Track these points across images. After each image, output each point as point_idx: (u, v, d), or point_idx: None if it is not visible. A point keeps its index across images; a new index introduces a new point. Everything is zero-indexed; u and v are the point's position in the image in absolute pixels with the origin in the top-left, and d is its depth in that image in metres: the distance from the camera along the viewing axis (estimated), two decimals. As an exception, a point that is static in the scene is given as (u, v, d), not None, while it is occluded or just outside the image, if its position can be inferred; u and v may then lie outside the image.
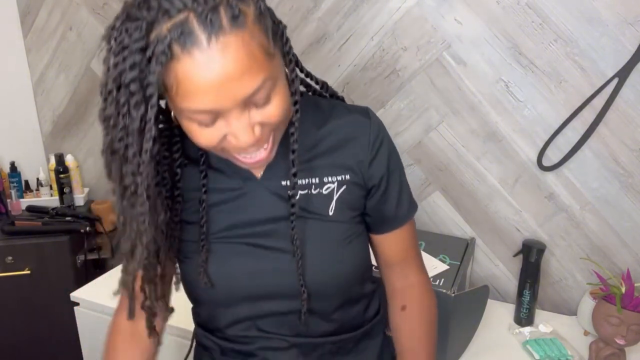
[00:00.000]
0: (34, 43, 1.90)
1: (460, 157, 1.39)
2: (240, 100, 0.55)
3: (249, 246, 0.73)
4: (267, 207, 0.72)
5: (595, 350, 1.15)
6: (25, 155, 1.99)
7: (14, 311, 1.69)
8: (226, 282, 0.73)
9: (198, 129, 0.58)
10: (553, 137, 1.28)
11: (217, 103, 0.54)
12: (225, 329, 0.79)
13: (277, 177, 0.72)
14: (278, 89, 0.58)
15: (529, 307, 1.29)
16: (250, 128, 0.57)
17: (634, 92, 1.18)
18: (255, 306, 0.75)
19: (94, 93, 1.88)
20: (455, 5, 1.27)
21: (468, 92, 1.33)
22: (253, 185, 0.72)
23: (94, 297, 1.36)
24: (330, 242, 0.73)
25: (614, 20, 1.15)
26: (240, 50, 0.52)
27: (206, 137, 0.58)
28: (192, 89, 0.53)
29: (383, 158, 0.75)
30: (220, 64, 0.51)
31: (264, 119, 0.58)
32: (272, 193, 0.72)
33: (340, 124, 0.74)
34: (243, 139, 0.57)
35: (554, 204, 1.33)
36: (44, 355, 1.76)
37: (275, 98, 0.58)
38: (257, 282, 0.72)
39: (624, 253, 1.30)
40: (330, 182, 0.73)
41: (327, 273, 0.73)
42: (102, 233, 1.83)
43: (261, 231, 0.72)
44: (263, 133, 0.60)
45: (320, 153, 0.73)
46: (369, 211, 0.78)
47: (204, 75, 0.52)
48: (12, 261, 1.63)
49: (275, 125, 0.60)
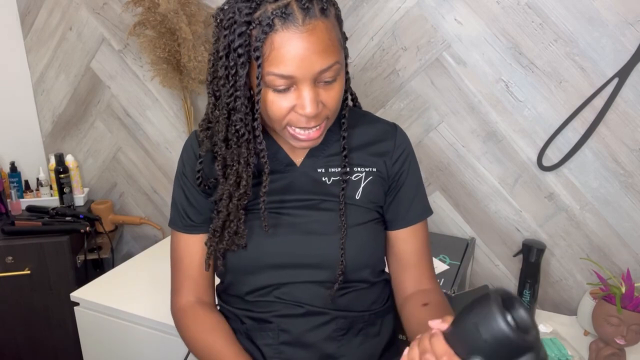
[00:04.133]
0: (34, 43, 1.90)
1: (460, 157, 1.39)
2: (315, 72, 0.68)
3: (284, 217, 0.83)
4: (303, 188, 0.84)
5: (595, 350, 1.15)
6: (25, 155, 1.99)
7: (14, 311, 1.69)
8: (257, 248, 0.82)
9: (274, 97, 0.70)
10: (553, 137, 1.28)
11: (298, 71, 0.67)
12: (245, 295, 0.86)
13: (313, 165, 0.85)
14: (340, 78, 0.73)
15: (529, 307, 1.29)
16: (315, 102, 0.70)
17: (634, 92, 1.18)
18: (279, 274, 0.83)
19: (94, 93, 1.88)
20: (455, 5, 1.27)
21: (468, 92, 1.33)
22: (293, 170, 0.85)
23: (94, 297, 1.36)
24: (357, 223, 0.84)
25: (614, 20, 1.15)
26: (324, 33, 0.67)
27: (278, 105, 0.71)
28: (283, 56, 0.66)
29: (405, 161, 0.88)
30: (308, 40, 0.66)
31: (326, 99, 0.71)
32: (309, 177, 0.85)
33: (371, 127, 0.88)
34: (309, 109, 0.69)
35: (554, 204, 1.33)
36: (44, 355, 1.76)
37: (338, 83, 0.72)
38: (287, 250, 0.82)
39: (624, 253, 1.30)
40: (359, 172, 0.85)
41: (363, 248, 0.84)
42: (102, 233, 1.83)
43: (295, 206, 0.83)
44: (322, 112, 0.72)
45: (353, 147, 0.86)
46: (386, 205, 0.89)
47: (295, 45, 0.66)
48: (12, 261, 1.63)
49: (330, 110, 0.73)
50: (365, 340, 0.87)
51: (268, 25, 0.65)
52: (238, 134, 0.75)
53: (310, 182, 0.84)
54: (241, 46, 0.67)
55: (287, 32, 0.65)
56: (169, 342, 1.25)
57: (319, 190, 0.84)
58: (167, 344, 1.26)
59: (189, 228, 0.88)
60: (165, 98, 1.77)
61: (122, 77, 1.81)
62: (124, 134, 1.89)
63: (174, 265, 0.90)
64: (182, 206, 0.88)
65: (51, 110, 1.98)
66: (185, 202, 0.87)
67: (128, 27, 1.59)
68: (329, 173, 0.85)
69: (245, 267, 0.84)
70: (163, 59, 1.52)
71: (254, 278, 0.84)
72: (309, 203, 0.84)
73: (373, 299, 0.89)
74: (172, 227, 0.90)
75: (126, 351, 1.36)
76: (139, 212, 2.00)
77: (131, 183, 1.96)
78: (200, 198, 0.86)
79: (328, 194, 0.84)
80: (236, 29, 0.67)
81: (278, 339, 0.84)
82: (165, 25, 1.48)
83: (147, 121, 1.84)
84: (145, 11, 1.49)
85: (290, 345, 0.84)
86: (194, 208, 0.87)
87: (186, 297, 0.89)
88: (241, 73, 0.69)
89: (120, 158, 1.94)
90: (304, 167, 0.85)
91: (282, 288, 0.83)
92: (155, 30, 1.50)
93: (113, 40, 1.77)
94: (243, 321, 0.87)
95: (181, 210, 0.88)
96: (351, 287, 0.85)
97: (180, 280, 0.89)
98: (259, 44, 0.66)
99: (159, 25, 1.49)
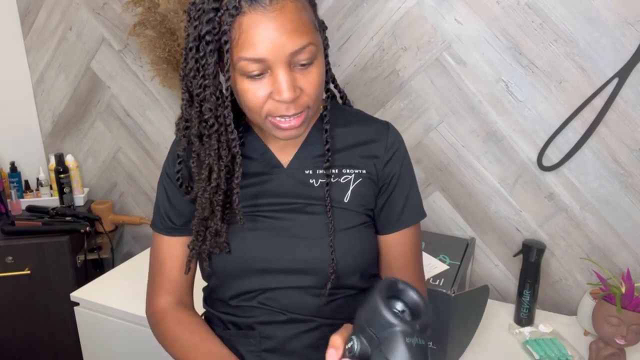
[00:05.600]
0: (34, 43, 1.90)
1: (460, 157, 1.39)
2: (287, 54, 0.65)
3: (270, 220, 0.80)
4: (290, 191, 0.81)
5: (595, 350, 1.15)
6: (25, 155, 1.99)
7: (14, 311, 1.69)
8: (242, 252, 0.79)
9: (248, 85, 0.68)
10: (553, 137, 1.28)
11: (270, 53, 0.65)
12: (229, 300, 0.83)
13: (301, 166, 0.82)
14: (317, 62, 0.69)
15: (529, 307, 1.29)
16: (292, 86, 0.67)
17: (634, 92, 1.18)
18: (264, 279, 0.80)
19: (94, 93, 1.88)
20: (455, 5, 1.27)
21: (468, 92, 1.33)
22: (279, 171, 0.82)
23: (94, 297, 1.36)
24: (345, 227, 0.80)
25: (614, 20, 1.15)
26: (294, 13, 0.65)
27: (254, 94, 0.68)
28: (252, 37, 0.65)
29: (397, 162, 0.84)
30: (276, 20, 0.64)
31: (304, 85, 0.69)
32: (296, 179, 0.81)
33: (363, 127, 0.84)
34: (286, 94, 0.67)
35: (554, 204, 1.33)
36: (44, 355, 1.76)
37: (315, 67, 0.69)
38: (271, 255, 0.79)
39: (624, 253, 1.30)
40: (347, 174, 0.82)
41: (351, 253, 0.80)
42: (102, 233, 1.84)
43: (281, 209, 0.80)
44: (301, 99, 0.70)
45: (342, 148, 0.82)
46: (377, 210, 0.85)
47: (264, 27, 0.64)
48: (12, 261, 1.63)
49: (310, 97, 0.70)
50: None
51: (234, 7, 0.64)
52: (207, 124, 0.73)
53: (297, 184, 0.81)
54: (209, 33, 0.66)
55: (255, 14, 0.64)
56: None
57: (304, 194, 0.81)
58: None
59: (170, 230, 0.86)
60: (165, 98, 1.77)
61: (122, 77, 1.81)
62: (124, 134, 1.89)
63: (154, 267, 0.89)
64: (164, 208, 0.86)
65: (51, 110, 1.98)
66: (167, 204, 0.86)
67: (128, 27, 1.59)
68: (316, 175, 0.81)
69: (230, 271, 0.81)
70: (163, 59, 1.53)
71: (238, 282, 0.82)
72: (294, 206, 0.81)
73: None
74: (153, 229, 0.89)
75: (126, 351, 1.36)
76: (139, 212, 2.00)
77: (131, 183, 1.96)
78: (182, 200, 0.84)
79: (314, 197, 0.80)
80: (204, 17, 0.66)
81: (260, 346, 0.82)
82: (165, 25, 1.48)
83: (147, 121, 1.84)
84: (145, 11, 1.49)
85: (273, 352, 0.82)
86: (175, 210, 0.85)
87: (166, 298, 0.87)
88: (210, 61, 0.68)
89: (120, 158, 1.94)
90: (291, 168, 0.82)
91: (266, 293, 0.81)
92: (155, 30, 1.50)
93: (113, 40, 1.77)
94: (227, 327, 0.86)
95: (163, 212, 0.86)
96: (339, 293, 0.82)
97: (161, 282, 0.88)
98: (227, 28, 0.65)
99: (159, 25, 1.49)
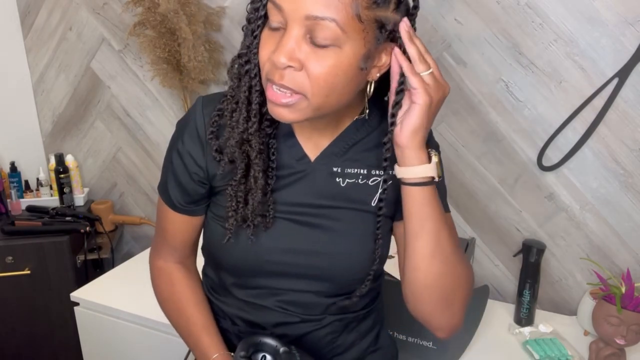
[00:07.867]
0: (34, 43, 1.90)
1: (460, 157, 1.39)
2: (304, 15, 0.58)
3: (289, 222, 0.76)
4: (313, 190, 0.75)
5: (595, 350, 1.15)
6: (25, 155, 1.99)
7: (14, 311, 1.69)
8: (261, 249, 0.76)
9: (266, 36, 0.63)
10: (553, 137, 1.28)
11: (288, 4, 0.58)
12: (243, 297, 0.82)
13: (329, 162, 0.75)
14: (339, 52, 0.60)
15: (529, 307, 1.29)
16: (291, 51, 0.60)
17: (634, 92, 1.18)
18: (281, 281, 0.79)
19: (94, 93, 1.88)
20: (455, 5, 1.27)
21: (468, 92, 1.33)
22: (306, 165, 0.75)
23: (94, 297, 1.36)
24: (366, 234, 0.76)
25: (614, 20, 1.15)
26: None
27: (264, 45, 0.63)
28: None
29: None
30: None
31: (312, 67, 0.60)
32: (322, 176, 0.75)
33: None
34: (278, 53, 0.60)
35: (554, 204, 1.33)
36: (44, 355, 1.76)
37: (332, 55, 0.60)
38: (291, 260, 0.76)
39: (624, 253, 1.30)
40: (377, 176, 0.75)
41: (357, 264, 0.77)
42: (102, 233, 1.83)
43: (305, 211, 0.76)
44: (297, 77, 0.61)
45: (372, 147, 0.75)
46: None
47: None
48: (12, 261, 1.63)
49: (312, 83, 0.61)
50: (358, 337, 0.87)
51: None
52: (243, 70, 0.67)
53: (322, 182, 0.75)
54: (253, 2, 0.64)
55: None
56: (169, 342, 1.25)
57: (329, 193, 0.75)
58: (167, 344, 1.26)
59: (175, 207, 0.81)
60: (165, 98, 1.77)
61: (122, 77, 1.81)
62: (124, 134, 1.89)
63: (159, 229, 0.87)
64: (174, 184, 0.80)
65: (51, 110, 1.98)
66: (173, 182, 0.80)
67: (128, 27, 1.59)
68: (344, 174, 0.75)
69: (249, 269, 0.80)
70: (163, 59, 1.53)
71: (254, 281, 0.81)
72: (318, 210, 0.76)
73: (370, 298, 0.88)
74: (159, 193, 0.83)
75: (126, 351, 1.36)
76: (139, 212, 2.00)
77: (131, 183, 1.96)
78: (190, 180, 0.78)
79: (340, 198, 0.75)
80: None
81: None
82: (165, 25, 1.48)
83: (147, 121, 1.84)
84: (145, 11, 1.49)
85: None
86: (182, 188, 0.79)
87: (165, 258, 0.87)
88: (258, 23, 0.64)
89: (120, 158, 1.94)
90: (319, 163, 0.75)
91: (282, 295, 0.80)
92: (155, 30, 1.50)
93: (113, 40, 1.77)
94: (235, 322, 0.86)
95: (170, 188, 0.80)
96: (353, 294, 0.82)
97: (161, 244, 0.87)
98: None
99: (159, 25, 1.49)
